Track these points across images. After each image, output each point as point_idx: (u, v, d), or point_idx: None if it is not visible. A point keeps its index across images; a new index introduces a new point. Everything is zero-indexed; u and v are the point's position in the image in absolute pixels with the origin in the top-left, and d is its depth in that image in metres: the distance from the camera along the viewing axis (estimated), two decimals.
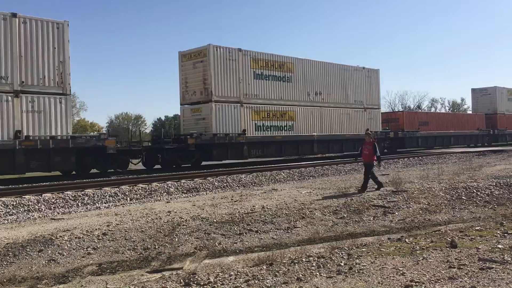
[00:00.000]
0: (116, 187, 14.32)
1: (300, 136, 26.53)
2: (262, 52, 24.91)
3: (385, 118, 36.37)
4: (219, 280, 5.14)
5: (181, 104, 24.58)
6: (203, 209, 10.12)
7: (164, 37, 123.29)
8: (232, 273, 5.40)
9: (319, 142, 27.79)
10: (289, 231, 8.29)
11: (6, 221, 10.07)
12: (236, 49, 23.55)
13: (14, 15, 16.59)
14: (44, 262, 6.59)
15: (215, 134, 22.33)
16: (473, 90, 51.33)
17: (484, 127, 46.10)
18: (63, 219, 9.75)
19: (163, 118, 72.76)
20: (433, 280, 4.68)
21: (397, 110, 39.60)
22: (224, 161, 24.02)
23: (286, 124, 25.91)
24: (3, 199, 12.10)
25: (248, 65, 24.02)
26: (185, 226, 8.40)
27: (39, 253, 6.90)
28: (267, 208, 9.98)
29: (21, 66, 16.51)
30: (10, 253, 6.88)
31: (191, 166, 22.43)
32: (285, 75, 25.92)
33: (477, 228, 7.69)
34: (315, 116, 27.64)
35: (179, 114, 25.84)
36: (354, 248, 6.48)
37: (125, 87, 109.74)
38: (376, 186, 12.36)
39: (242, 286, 4.87)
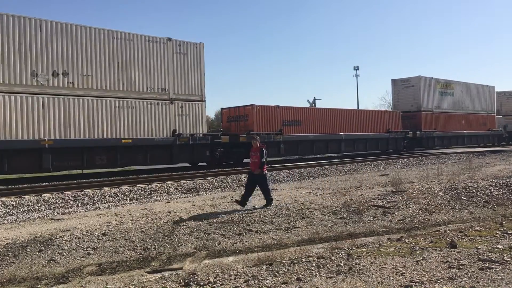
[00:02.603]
0: (116, 187, 14.33)
1: (7, 142, 16.20)
2: None
3: (232, 115, 26.29)
4: (219, 280, 5.15)
5: None
6: (203, 209, 10.14)
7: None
8: (232, 273, 5.40)
9: (58, 151, 17.36)
10: (288, 231, 8.30)
11: (6, 221, 10.07)
12: None
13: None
14: (44, 262, 6.59)
15: None
16: (394, 81, 38.63)
17: (400, 128, 34.57)
18: (63, 219, 9.76)
19: None
20: (432, 280, 4.69)
21: (246, 104, 25.69)
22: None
23: None
24: (3, 199, 12.11)
25: None
26: (184, 226, 8.41)
27: (39, 253, 6.90)
28: (266, 208, 9.99)
29: None
30: (10, 253, 6.89)
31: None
32: None
33: (476, 228, 7.69)
34: (52, 110, 17.42)
35: None
36: (353, 248, 6.48)
37: None
38: (250, 204, 10.43)
39: (242, 286, 4.88)
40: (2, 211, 11.19)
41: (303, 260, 5.79)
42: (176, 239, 7.66)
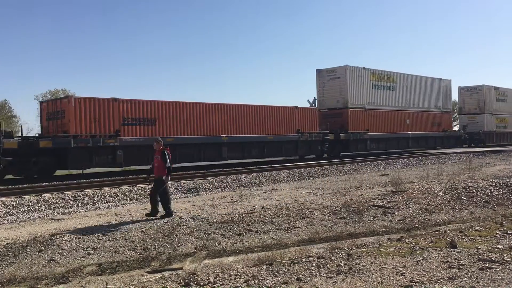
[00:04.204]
0: (116, 188, 14.33)
1: None
2: None
3: (51, 111, 19.56)
4: (219, 280, 5.15)
5: None
6: (203, 209, 10.14)
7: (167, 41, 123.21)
8: (232, 273, 5.40)
9: None
10: (289, 231, 8.30)
11: (6, 221, 10.08)
12: None
13: None
14: (44, 262, 6.59)
15: None
16: (319, 72, 31.10)
17: (316, 128, 27.58)
18: (63, 219, 9.76)
19: None
20: (433, 280, 4.69)
21: (63, 96, 20.29)
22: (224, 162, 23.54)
23: None
24: (3, 199, 12.10)
25: None
26: (185, 226, 8.41)
27: (39, 253, 6.90)
28: (267, 208, 9.99)
29: None
30: (10, 253, 6.89)
31: None
32: None
33: (476, 228, 7.69)
34: None
35: None
36: (354, 248, 6.48)
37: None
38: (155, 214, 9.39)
39: (242, 286, 4.88)
40: (2, 211, 11.19)
41: (303, 260, 5.79)
42: (176, 239, 7.66)
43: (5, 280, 5.92)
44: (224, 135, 22.98)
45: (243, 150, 24.07)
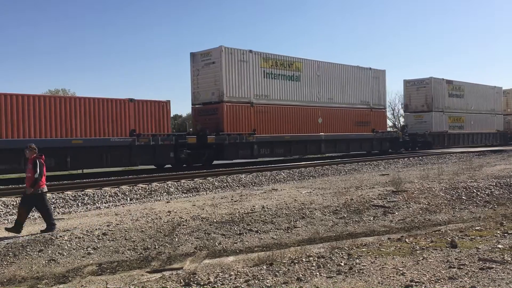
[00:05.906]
0: (116, 187, 14.34)
1: None
2: None
3: None
4: (219, 280, 5.15)
5: None
6: (203, 209, 10.13)
7: (170, 37, 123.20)
8: (232, 273, 5.40)
9: None
10: (289, 231, 8.29)
11: (6, 221, 10.07)
12: None
13: None
14: (44, 262, 6.59)
15: None
16: (193, 56, 24.18)
17: (167, 129, 20.81)
18: (63, 219, 9.76)
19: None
20: (433, 280, 4.68)
21: None
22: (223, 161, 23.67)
23: None
24: (3, 199, 12.11)
25: None
26: (185, 226, 8.41)
27: (39, 253, 6.90)
28: (267, 208, 9.98)
29: None
30: (10, 253, 6.89)
31: None
32: None
33: (477, 228, 7.69)
34: None
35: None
36: (354, 248, 6.48)
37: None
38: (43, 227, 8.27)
39: (242, 286, 4.88)
40: (2, 211, 11.20)
41: (304, 260, 5.79)
42: (177, 239, 7.66)
43: (5, 280, 5.92)
44: None
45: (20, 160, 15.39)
